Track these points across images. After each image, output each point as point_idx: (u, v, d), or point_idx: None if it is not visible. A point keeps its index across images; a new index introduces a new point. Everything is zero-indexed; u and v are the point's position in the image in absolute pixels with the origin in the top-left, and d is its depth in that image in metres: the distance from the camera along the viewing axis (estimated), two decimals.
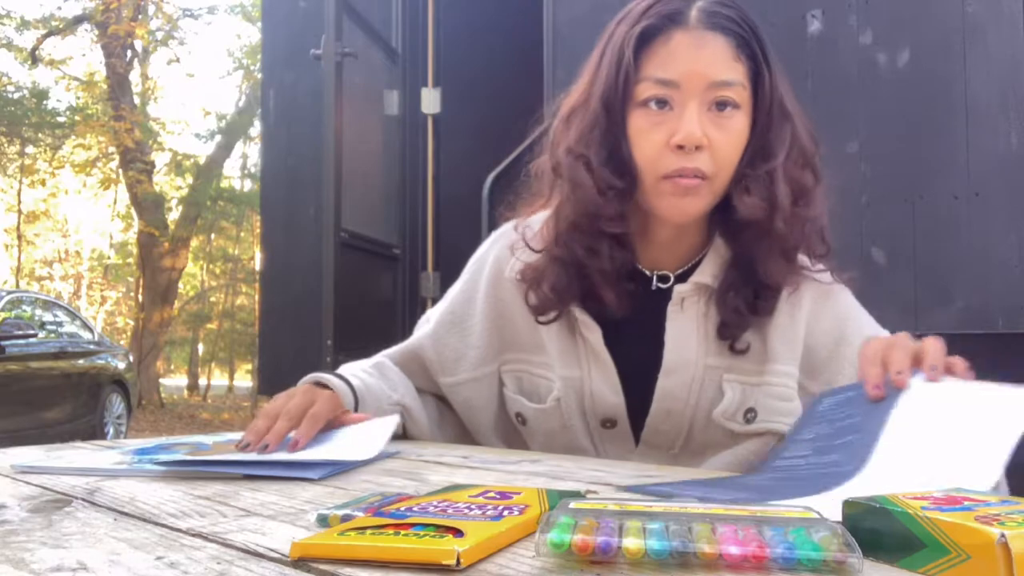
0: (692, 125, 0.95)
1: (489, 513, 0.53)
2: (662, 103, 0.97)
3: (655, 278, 1.07)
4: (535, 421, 1.11)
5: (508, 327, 1.13)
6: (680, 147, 0.95)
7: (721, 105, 0.97)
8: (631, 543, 0.45)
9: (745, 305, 1.03)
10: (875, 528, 0.48)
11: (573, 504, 0.52)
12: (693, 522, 0.47)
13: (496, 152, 3.51)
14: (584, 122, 1.02)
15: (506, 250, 1.14)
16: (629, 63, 0.98)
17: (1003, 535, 0.41)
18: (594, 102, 1.01)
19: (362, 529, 0.49)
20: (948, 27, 2.29)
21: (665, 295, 1.06)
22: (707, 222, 1.06)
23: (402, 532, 0.48)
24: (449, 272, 4.18)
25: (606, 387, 1.06)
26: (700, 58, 0.96)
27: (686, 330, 1.04)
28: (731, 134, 0.97)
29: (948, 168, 2.28)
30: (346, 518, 0.56)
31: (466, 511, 0.53)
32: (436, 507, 0.54)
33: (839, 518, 0.50)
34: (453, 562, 0.44)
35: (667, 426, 1.05)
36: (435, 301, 4.38)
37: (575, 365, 1.07)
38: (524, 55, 3.43)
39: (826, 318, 1.06)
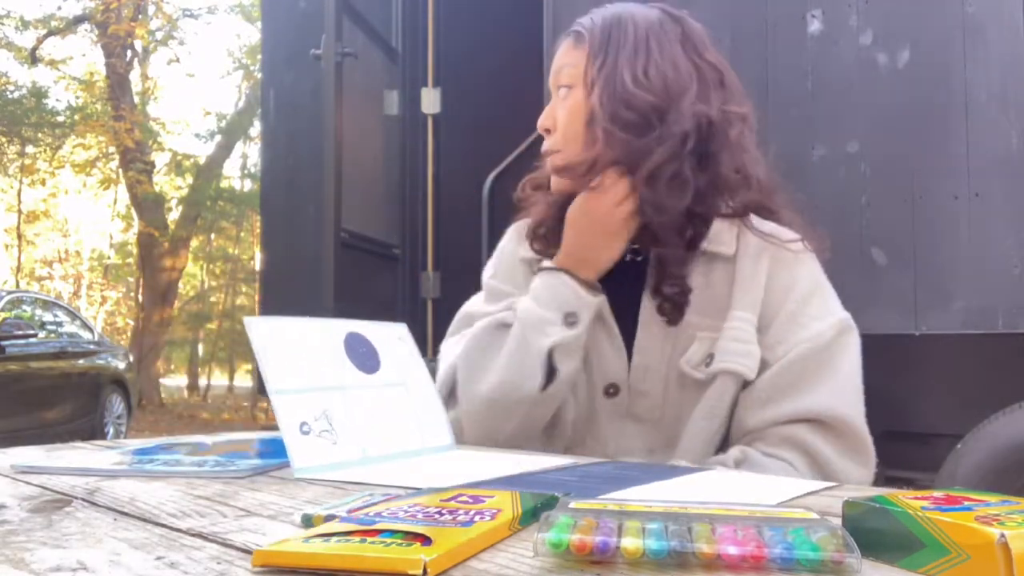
0: (542, 115, 1.15)
1: (460, 519, 0.51)
2: None
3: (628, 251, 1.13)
4: None
5: None
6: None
7: (561, 91, 1.13)
8: (629, 543, 0.45)
9: (676, 269, 1.08)
10: (875, 528, 0.48)
11: (573, 504, 0.52)
12: (692, 522, 0.47)
13: (496, 152, 3.51)
14: None
15: (522, 232, 1.22)
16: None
17: (1003, 535, 0.41)
18: None
19: (328, 536, 0.47)
20: (948, 27, 2.29)
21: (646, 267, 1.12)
22: None
23: (369, 539, 0.46)
24: (449, 272, 4.20)
25: (610, 348, 1.10)
26: (554, 63, 1.16)
27: None
28: (566, 111, 1.12)
29: (948, 168, 2.28)
30: (330, 519, 0.55)
31: (436, 516, 0.52)
32: (406, 512, 0.52)
33: None
34: (419, 572, 0.42)
35: (647, 385, 1.09)
36: (435, 301, 4.35)
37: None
38: (524, 55, 3.42)
39: (783, 281, 1.09)
